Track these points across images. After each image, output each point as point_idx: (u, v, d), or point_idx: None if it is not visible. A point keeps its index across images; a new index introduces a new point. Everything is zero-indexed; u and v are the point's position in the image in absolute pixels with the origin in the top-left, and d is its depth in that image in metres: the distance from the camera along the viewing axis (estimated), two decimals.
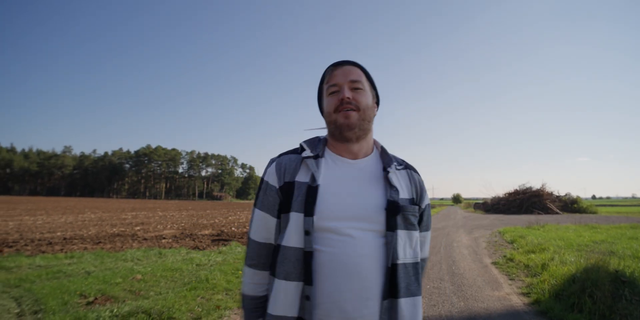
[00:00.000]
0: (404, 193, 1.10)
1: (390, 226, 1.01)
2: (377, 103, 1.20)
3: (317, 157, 1.08)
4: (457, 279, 5.89)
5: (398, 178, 1.12)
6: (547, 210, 32.83)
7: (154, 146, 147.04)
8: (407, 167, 1.19)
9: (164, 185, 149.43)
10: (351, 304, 0.95)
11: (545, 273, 5.67)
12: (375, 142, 1.20)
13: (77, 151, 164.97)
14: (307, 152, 1.09)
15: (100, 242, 9.74)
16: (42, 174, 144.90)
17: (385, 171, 1.10)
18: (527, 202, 35.19)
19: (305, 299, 0.96)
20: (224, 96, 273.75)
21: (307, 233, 0.98)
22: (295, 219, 1.00)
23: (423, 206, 1.17)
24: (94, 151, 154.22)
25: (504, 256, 8.04)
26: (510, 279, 5.97)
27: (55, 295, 4.35)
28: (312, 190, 1.02)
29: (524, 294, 5.03)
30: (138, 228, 14.15)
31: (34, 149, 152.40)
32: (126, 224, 15.83)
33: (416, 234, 1.09)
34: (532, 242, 9.29)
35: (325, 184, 1.04)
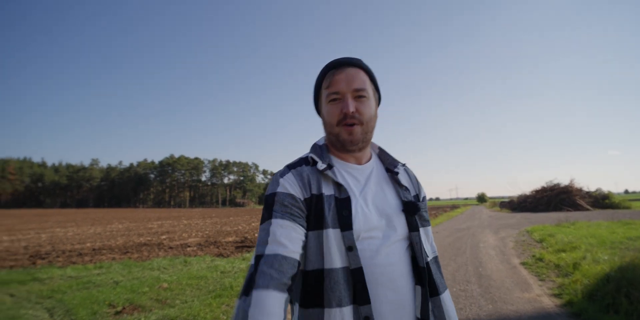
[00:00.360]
0: (412, 191, 1.09)
1: (413, 227, 0.99)
2: (379, 101, 1.12)
3: (330, 166, 1.01)
4: (484, 281, 5.74)
5: (404, 177, 1.11)
6: (576, 207, 31.65)
7: (177, 156, 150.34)
8: (404, 165, 1.17)
9: (188, 193, 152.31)
10: (396, 314, 0.91)
11: (577, 273, 5.46)
12: (372, 144, 1.17)
13: (104, 163, 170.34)
14: (321, 164, 1.00)
15: (127, 252, 9.96)
16: (72, 187, 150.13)
17: (392, 172, 1.07)
18: (555, 199, 34.02)
19: None
20: (243, 104, 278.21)
21: (350, 249, 0.90)
22: (334, 236, 0.91)
23: (422, 199, 1.13)
24: (120, 163, 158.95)
25: (533, 256, 7.80)
26: (541, 280, 5.77)
27: (85, 305, 4.47)
28: (343, 202, 0.95)
29: (555, 295, 4.85)
30: (164, 237, 14.42)
31: (64, 163, 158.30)
32: (152, 233, 16.16)
33: (430, 229, 1.09)
34: (562, 241, 8.97)
35: (351, 194, 0.99)
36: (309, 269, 0.91)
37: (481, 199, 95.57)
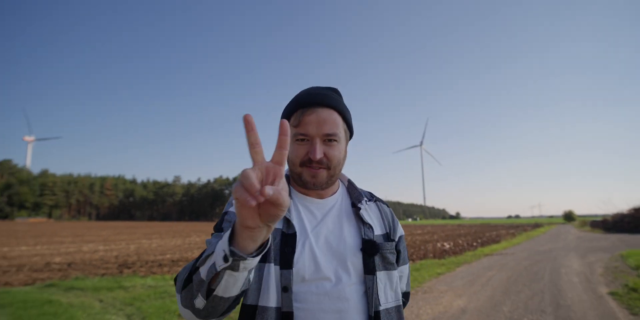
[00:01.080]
0: (378, 229, 0.99)
1: (369, 269, 0.91)
2: (351, 135, 1.03)
3: None
4: (562, 312, 5.20)
5: (369, 213, 1.01)
6: None
7: None
8: (375, 199, 1.08)
9: None
10: None
11: None
12: (341, 176, 1.08)
13: (184, 180, 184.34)
14: None
15: None
16: (157, 202, 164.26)
17: (356, 208, 0.98)
18: None
19: None
20: None
21: (285, 289, 0.84)
22: (274, 273, 0.85)
23: (396, 238, 1.03)
24: (199, 179, 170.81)
25: (626, 285, 6.89)
26: (633, 314, 5.08)
27: (159, 314, 4.86)
28: (288, 238, 0.88)
29: None
30: None
31: (151, 180, 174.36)
32: None
33: (396, 273, 0.98)
34: None
35: (300, 229, 0.92)
36: (246, 302, 0.86)
37: (568, 217, 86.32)
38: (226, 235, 0.65)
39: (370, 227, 0.97)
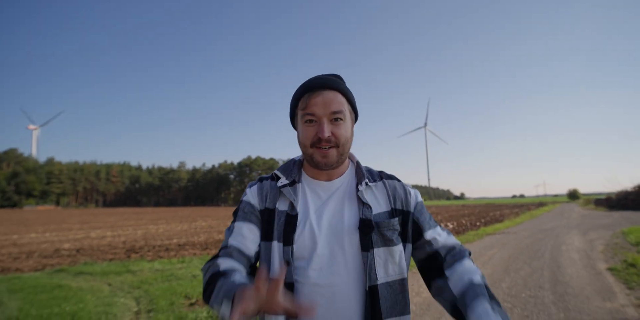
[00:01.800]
0: (380, 207, 1.04)
1: (365, 246, 0.97)
2: (356, 119, 1.11)
3: (293, 183, 1.06)
4: (560, 288, 5.29)
5: (374, 193, 1.07)
6: None
7: (253, 157, 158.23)
8: (383, 178, 1.12)
9: None
10: None
11: None
12: (351, 157, 1.15)
13: (189, 166, 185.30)
14: (283, 180, 1.06)
15: (207, 248, 10.81)
16: (163, 187, 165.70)
17: (357, 189, 1.05)
18: None
19: None
20: None
21: (288, 263, 0.95)
22: (277, 249, 0.98)
23: (412, 208, 1.08)
24: (203, 165, 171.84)
25: (624, 261, 6.98)
26: (629, 288, 5.17)
27: (166, 296, 5.00)
28: (290, 218, 1.00)
29: None
30: None
31: (156, 166, 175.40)
32: None
33: (398, 248, 1.01)
34: None
35: (303, 210, 1.02)
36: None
37: (573, 195, 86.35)
38: (227, 307, 0.77)
39: (370, 207, 1.02)
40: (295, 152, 1.16)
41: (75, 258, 9.17)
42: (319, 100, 0.99)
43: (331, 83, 1.02)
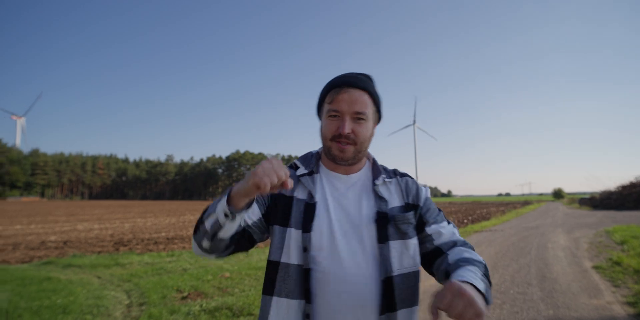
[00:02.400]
0: (395, 202, 1.09)
1: (381, 238, 1.01)
2: (379, 119, 1.15)
3: (311, 173, 1.10)
4: (547, 284, 5.41)
5: (389, 188, 1.11)
6: None
7: (242, 151, 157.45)
8: (397, 175, 1.17)
9: None
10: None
11: None
12: (367, 155, 1.19)
13: (177, 159, 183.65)
14: (302, 170, 1.11)
15: None
16: (150, 181, 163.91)
17: (374, 184, 1.10)
18: None
19: (306, 317, 0.97)
20: (304, 100, 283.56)
21: (305, 250, 0.99)
22: (295, 235, 1.01)
23: (421, 203, 1.12)
24: (191, 158, 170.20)
25: (610, 259, 7.15)
26: (615, 286, 5.30)
27: (157, 289, 4.97)
28: (309, 207, 1.04)
29: (629, 304, 4.45)
30: None
31: (143, 159, 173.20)
32: None
33: (413, 241, 1.06)
34: None
35: (321, 200, 1.06)
36: (270, 259, 1.05)
37: (557, 194, 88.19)
38: (224, 198, 0.90)
39: (386, 201, 1.07)
40: (284, 148, 1.20)
41: (63, 250, 9.04)
42: (345, 97, 1.03)
43: (360, 83, 1.06)
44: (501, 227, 15.15)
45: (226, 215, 0.89)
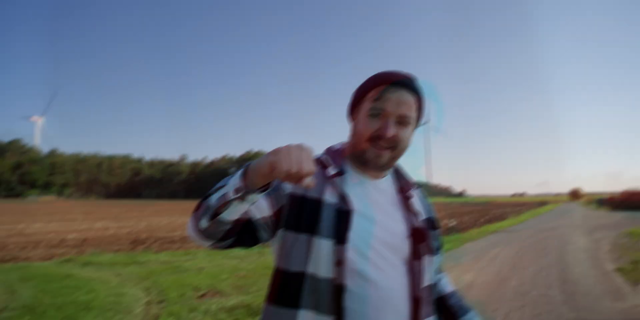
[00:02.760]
0: (422, 215, 1.04)
1: (416, 254, 0.95)
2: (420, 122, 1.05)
3: (340, 173, 0.97)
4: (569, 287, 5.29)
5: (417, 201, 1.06)
6: None
7: (254, 151, 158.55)
8: (418, 186, 1.11)
9: None
10: None
11: None
12: None
13: (191, 159, 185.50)
14: (331, 170, 0.97)
15: None
16: (164, 180, 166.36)
17: (405, 194, 1.03)
18: None
19: None
20: (316, 97, 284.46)
21: (339, 263, 0.86)
22: (326, 246, 0.88)
23: (438, 225, 1.09)
24: (205, 158, 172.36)
25: (633, 261, 6.97)
26: None
27: (175, 288, 5.02)
28: (343, 215, 0.90)
29: None
30: None
31: (158, 159, 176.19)
32: None
33: (438, 259, 1.03)
34: None
35: (356, 207, 0.93)
36: (292, 269, 0.90)
37: (575, 195, 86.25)
38: (239, 172, 0.80)
39: (417, 215, 1.01)
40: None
41: (82, 248, 9.21)
42: (395, 97, 0.94)
43: (413, 84, 0.97)
44: (518, 228, 14.96)
45: (237, 192, 0.77)
